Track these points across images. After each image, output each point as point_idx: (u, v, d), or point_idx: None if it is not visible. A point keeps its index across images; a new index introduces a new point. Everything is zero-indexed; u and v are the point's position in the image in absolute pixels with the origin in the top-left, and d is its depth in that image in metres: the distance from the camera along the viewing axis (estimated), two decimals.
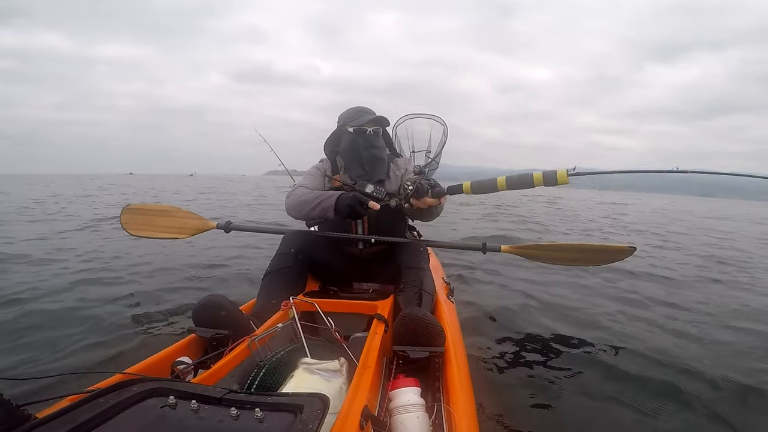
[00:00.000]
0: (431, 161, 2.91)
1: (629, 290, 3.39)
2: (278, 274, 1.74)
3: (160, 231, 2.30)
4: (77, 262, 3.83)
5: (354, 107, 1.95)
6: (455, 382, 1.11)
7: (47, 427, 0.63)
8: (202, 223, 2.29)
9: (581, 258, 2.07)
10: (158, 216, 2.35)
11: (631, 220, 11.47)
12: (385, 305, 1.53)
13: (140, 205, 2.42)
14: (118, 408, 0.70)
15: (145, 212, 2.38)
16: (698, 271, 4.50)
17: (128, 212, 2.35)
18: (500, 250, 2.11)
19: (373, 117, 1.88)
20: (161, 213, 2.35)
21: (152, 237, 2.33)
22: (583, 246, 2.10)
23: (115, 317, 2.36)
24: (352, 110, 1.93)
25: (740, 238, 8.28)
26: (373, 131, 1.88)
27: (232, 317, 1.34)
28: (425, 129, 2.91)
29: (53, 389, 0.84)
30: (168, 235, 2.28)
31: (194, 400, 0.72)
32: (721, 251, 6.11)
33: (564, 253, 2.09)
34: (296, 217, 1.85)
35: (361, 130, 1.86)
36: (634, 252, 2.02)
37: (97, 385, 0.90)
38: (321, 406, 0.70)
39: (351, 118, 1.90)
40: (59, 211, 8.64)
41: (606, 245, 2.10)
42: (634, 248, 2.03)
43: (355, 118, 1.89)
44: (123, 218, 2.34)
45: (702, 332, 2.46)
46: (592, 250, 2.08)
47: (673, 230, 9.10)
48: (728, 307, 3.07)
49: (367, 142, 1.86)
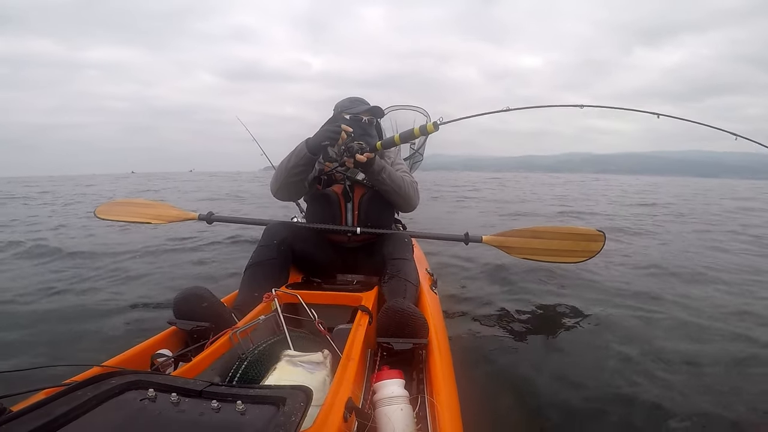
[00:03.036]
0: (415, 152, 2.91)
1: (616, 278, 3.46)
2: (260, 266, 1.72)
3: (133, 216, 2.28)
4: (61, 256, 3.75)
5: (351, 97, 2.01)
6: (438, 374, 1.11)
7: (22, 420, 0.61)
8: (182, 213, 2.26)
9: (558, 248, 2.14)
10: (137, 206, 2.32)
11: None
12: (369, 297, 1.53)
13: (123, 200, 2.39)
14: (95, 401, 0.68)
15: (125, 204, 2.35)
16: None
17: (108, 204, 2.32)
18: (482, 240, 2.17)
19: (369, 107, 1.96)
20: (141, 205, 2.33)
21: (122, 221, 2.30)
22: (558, 229, 2.21)
23: (92, 309, 2.31)
24: (349, 99, 2.00)
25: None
26: (368, 120, 1.93)
27: (214, 309, 1.32)
28: (409, 120, 2.93)
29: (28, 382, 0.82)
30: (142, 220, 2.25)
31: (174, 393, 0.71)
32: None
33: (540, 240, 2.18)
34: (278, 186, 1.87)
35: (357, 118, 1.91)
36: (605, 240, 2.10)
37: (73, 378, 0.88)
38: (304, 399, 0.69)
39: (348, 106, 1.96)
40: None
41: (576, 228, 2.22)
42: (603, 234, 2.11)
43: (352, 106, 1.95)
44: (99, 208, 2.31)
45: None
46: (565, 233, 2.19)
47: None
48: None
49: (362, 129, 1.91)
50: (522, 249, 2.17)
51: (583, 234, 2.17)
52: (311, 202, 1.98)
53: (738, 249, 4.63)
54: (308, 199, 2.01)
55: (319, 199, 1.92)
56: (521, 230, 2.21)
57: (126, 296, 2.57)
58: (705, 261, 3.93)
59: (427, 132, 1.83)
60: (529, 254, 2.16)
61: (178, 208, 2.27)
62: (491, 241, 2.19)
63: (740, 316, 2.42)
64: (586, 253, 2.13)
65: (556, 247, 2.15)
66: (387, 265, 1.74)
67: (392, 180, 1.80)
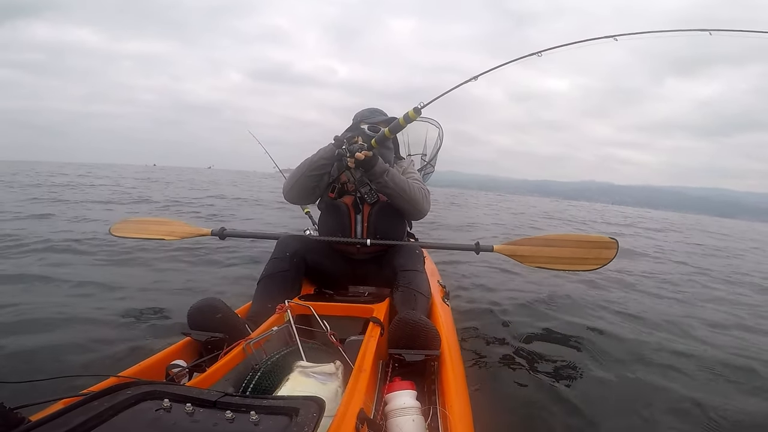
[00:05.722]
0: (427, 164, 2.92)
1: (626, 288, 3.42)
2: (273, 278, 1.74)
3: (148, 233, 2.32)
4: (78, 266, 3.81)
5: (370, 107, 2.05)
6: (451, 386, 1.11)
7: (41, 430, 0.62)
8: (195, 230, 2.30)
9: (571, 256, 2.12)
10: (151, 224, 2.37)
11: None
12: (381, 308, 1.53)
13: (137, 218, 2.44)
14: (112, 411, 0.69)
15: (139, 222, 2.40)
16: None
17: (122, 222, 2.37)
18: (493, 249, 2.16)
19: (387, 118, 1.97)
20: (155, 223, 2.38)
21: (137, 237, 2.34)
22: (569, 237, 2.19)
23: (109, 320, 2.34)
24: (368, 110, 2.03)
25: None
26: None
27: (228, 320, 1.33)
28: (421, 132, 2.94)
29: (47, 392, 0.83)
30: (156, 236, 2.29)
31: (189, 403, 0.72)
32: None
33: (552, 248, 2.15)
34: (293, 183, 1.88)
35: (375, 128, 1.92)
36: (617, 247, 2.07)
37: (91, 389, 0.89)
38: (316, 409, 0.70)
39: (367, 116, 2.00)
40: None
41: (589, 236, 2.19)
42: (616, 241, 2.08)
43: (371, 117, 1.98)
44: (114, 226, 2.36)
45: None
46: (577, 240, 2.16)
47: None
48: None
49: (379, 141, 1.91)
50: (534, 258, 2.14)
51: (595, 242, 2.14)
52: (323, 212, 2.00)
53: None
54: (321, 209, 2.03)
55: (330, 209, 1.94)
56: (532, 239, 2.19)
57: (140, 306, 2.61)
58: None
59: (409, 118, 1.78)
60: (541, 263, 2.14)
61: (191, 225, 2.31)
62: (503, 250, 2.18)
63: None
64: (599, 261, 2.10)
65: (568, 255, 2.12)
66: (398, 277, 1.74)
67: (395, 183, 1.79)
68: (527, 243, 2.18)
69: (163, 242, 2.37)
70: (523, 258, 2.15)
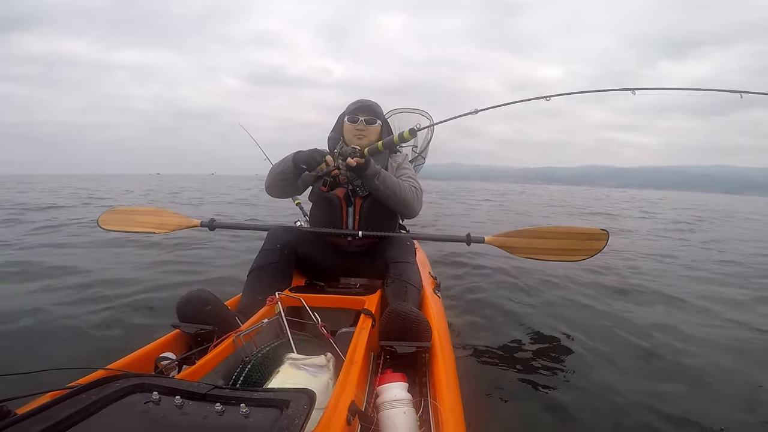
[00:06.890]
0: (417, 156, 2.92)
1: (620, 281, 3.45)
2: (264, 269, 1.73)
3: (137, 226, 2.29)
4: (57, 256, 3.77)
5: (355, 100, 2.03)
6: (442, 378, 1.11)
7: (26, 423, 0.61)
8: (185, 220, 2.27)
9: (561, 247, 2.14)
10: (139, 215, 2.33)
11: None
12: (372, 300, 1.53)
13: (124, 207, 2.40)
14: (100, 404, 0.68)
15: (126, 212, 2.36)
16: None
17: (109, 212, 2.33)
18: (484, 241, 2.18)
19: (360, 104, 1.96)
20: (143, 213, 2.34)
21: (126, 231, 2.31)
22: (560, 229, 2.22)
23: (97, 312, 2.32)
24: (352, 103, 2.02)
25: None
26: (365, 120, 1.93)
27: (217, 313, 1.32)
28: (412, 123, 2.92)
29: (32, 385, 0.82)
30: (145, 229, 2.26)
31: (178, 396, 0.71)
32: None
33: (543, 240, 2.18)
34: (267, 184, 1.91)
35: (353, 119, 1.92)
36: (608, 238, 2.09)
37: (78, 381, 0.88)
38: (307, 402, 0.69)
39: (348, 110, 1.98)
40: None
41: (579, 227, 2.22)
42: (606, 232, 2.11)
43: (352, 109, 1.97)
44: (101, 217, 2.32)
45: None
46: (568, 233, 2.20)
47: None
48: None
49: (358, 131, 1.93)
50: (525, 249, 2.16)
51: (585, 233, 2.17)
52: (314, 204, 1.99)
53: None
54: (312, 201, 2.02)
55: (322, 201, 1.92)
56: (524, 230, 2.22)
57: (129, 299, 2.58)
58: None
59: (404, 139, 1.88)
60: (531, 254, 2.16)
61: (180, 214, 2.28)
62: (494, 241, 2.19)
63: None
64: (589, 252, 2.13)
65: (558, 246, 2.15)
66: (390, 269, 1.74)
67: (386, 186, 1.77)
68: (518, 235, 2.20)
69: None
70: (514, 249, 2.17)
